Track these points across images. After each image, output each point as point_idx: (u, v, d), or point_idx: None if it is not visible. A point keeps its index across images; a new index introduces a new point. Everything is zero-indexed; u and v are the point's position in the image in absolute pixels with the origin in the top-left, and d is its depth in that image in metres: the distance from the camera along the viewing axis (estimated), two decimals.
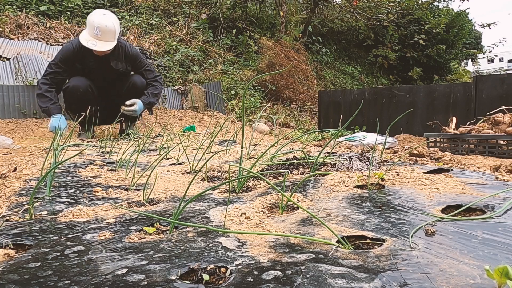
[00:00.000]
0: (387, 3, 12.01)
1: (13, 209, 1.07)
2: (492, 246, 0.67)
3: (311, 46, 11.25)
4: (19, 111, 4.57)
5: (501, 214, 0.86)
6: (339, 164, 1.62)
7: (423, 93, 6.34)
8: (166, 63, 7.30)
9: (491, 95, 5.54)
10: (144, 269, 0.61)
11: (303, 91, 9.03)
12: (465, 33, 13.95)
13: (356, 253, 0.65)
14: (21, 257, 0.69)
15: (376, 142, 1.70)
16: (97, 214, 1.02)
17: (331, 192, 1.16)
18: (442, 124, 3.78)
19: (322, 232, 0.77)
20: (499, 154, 2.88)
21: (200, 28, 8.95)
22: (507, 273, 0.45)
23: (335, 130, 2.28)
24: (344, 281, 0.54)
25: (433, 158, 2.05)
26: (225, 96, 7.02)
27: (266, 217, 0.94)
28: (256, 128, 5.13)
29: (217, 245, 0.72)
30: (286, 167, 1.71)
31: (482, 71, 21.42)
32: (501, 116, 3.25)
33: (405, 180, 1.29)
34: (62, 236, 0.81)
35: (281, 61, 8.65)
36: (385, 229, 0.78)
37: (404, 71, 13.52)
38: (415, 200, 1.02)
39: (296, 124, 7.01)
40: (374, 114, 6.52)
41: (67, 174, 1.68)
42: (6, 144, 3.30)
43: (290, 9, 10.34)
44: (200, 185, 1.43)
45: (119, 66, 3.78)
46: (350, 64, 12.88)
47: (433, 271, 0.57)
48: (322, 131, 4.43)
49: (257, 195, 1.17)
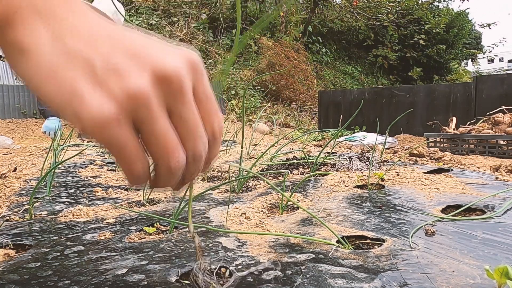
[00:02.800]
0: (387, 3, 12.01)
1: (13, 209, 1.07)
2: (492, 246, 0.67)
3: (311, 46, 11.25)
4: (19, 111, 4.57)
5: (501, 214, 0.86)
6: (339, 164, 1.62)
7: (423, 93, 6.34)
8: None
9: (491, 95, 5.54)
10: (144, 269, 0.61)
11: (303, 91, 9.03)
12: (465, 33, 13.95)
13: (356, 253, 0.65)
14: (21, 257, 0.69)
15: (376, 142, 1.70)
16: (97, 214, 1.02)
17: (331, 192, 1.16)
18: (442, 124, 3.78)
19: (322, 232, 0.77)
20: (499, 154, 2.88)
21: (200, 28, 8.95)
22: (507, 273, 0.45)
23: (335, 130, 2.29)
24: (344, 281, 0.54)
25: (433, 158, 2.05)
26: (225, 96, 7.01)
27: (266, 217, 0.94)
28: (256, 128, 5.13)
29: (217, 245, 0.72)
30: (286, 167, 1.71)
31: (482, 71, 21.43)
32: (501, 116, 3.25)
33: (405, 180, 1.29)
34: (62, 236, 0.82)
35: (281, 61, 8.65)
36: (385, 229, 0.78)
37: (404, 71, 13.52)
38: (415, 200, 1.02)
39: (296, 124, 7.01)
40: (374, 114, 6.52)
41: (67, 174, 1.68)
42: (6, 144, 3.30)
43: (290, 9, 10.34)
44: (200, 185, 1.43)
45: None
46: (350, 64, 12.88)
47: (433, 271, 0.57)
48: (322, 131, 4.44)
49: (257, 195, 1.17)
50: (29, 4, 0.36)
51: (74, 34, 0.36)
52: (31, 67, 0.36)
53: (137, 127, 0.37)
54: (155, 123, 0.37)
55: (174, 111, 0.38)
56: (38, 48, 0.36)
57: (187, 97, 0.39)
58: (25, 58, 0.36)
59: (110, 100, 0.35)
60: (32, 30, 0.36)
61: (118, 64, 0.36)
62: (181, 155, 0.39)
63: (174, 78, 0.37)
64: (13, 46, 0.36)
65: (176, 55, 0.39)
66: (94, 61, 0.36)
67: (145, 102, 0.36)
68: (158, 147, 0.38)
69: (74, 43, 0.36)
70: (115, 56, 0.36)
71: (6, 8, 0.35)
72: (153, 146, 0.38)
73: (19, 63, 0.36)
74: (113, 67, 0.36)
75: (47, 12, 0.37)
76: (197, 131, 0.40)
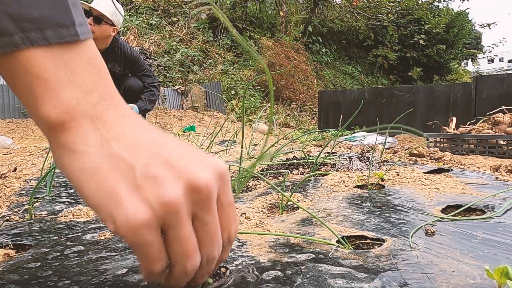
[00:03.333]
0: (387, 3, 12.01)
1: (13, 209, 1.07)
2: (492, 246, 0.67)
3: (311, 46, 11.25)
4: (19, 111, 4.57)
5: (501, 214, 0.86)
6: (339, 164, 1.62)
7: (423, 93, 6.34)
8: (166, 63, 7.30)
9: (491, 95, 5.54)
10: None
11: (303, 91, 9.03)
12: (465, 33, 13.95)
13: (356, 253, 0.65)
14: (21, 257, 0.69)
15: (376, 142, 1.70)
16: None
17: (331, 192, 1.16)
18: (442, 124, 3.78)
19: (322, 232, 0.77)
20: (499, 154, 2.88)
21: (200, 28, 8.95)
22: (507, 273, 0.45)
23: (335, 130, 2.29)
24: (344, 281, 0.54)
25: (433, 158, 2.05)
26: (225, 96, 7.01)
27: (266, 217, 0.94)
28: (256, 128, 5.12)
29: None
30: (286, 167, 1.71)
31: (482, 71, 21.43)
32: (501, 116, 3.25)
33: (405, 180, 1.29)
34: (62, 236, 0.82)
35: (281, 61, 8.65)
36: (385, 229, 0.78)
37: (404, 71, 13.51)
38: (415, 200, 1.02)
39: (296, 124, 7.01)
40: (374, 114, 6.52)
41: None
42: (6, 144, 3.30)
43: (290, 9, 10.34)
44: None
45: (116, 68, 3.63)
46: (350, 64, 12.88)
47: (433, 271, 0.57)
48: (322, 131, 4.44)
49: (257, 195, 1.17)
50: (83, 110, 0.39)
51: (120, 139, 0.39)
52: (77, 166, 0.38)
53: (164, 229, 0.39)
54: (181, 230, 0.39)
55: (198, 216, 0.41)
56: (86, 149, 0.38)
57: (212, 205, 0.41)
58: (72, 157, 0.38)
59: (145, 205, 0.37)
60: (83, 133, 0.39)
61: (157, 173, 0.38)
62: (198, 259, 0.42)
63: (205, 189, 0.40)
64: (65, 147, 0.39)
65: (208, 167, 0.41)
66: (135, 167, 0.38)
67: (176, 209, 0.38)
68: (178, 250, 0.40)
69: (119, 148, 0.39)
70: (154, 164, 0.39)
71: (65, 116, 0.38)
72: (174, 249, 0.40)
73: (66, 161, 0.39)
74: (152, 175, 0.38)
75: (98, 116, 0.40)
76: (215, 237, 0.43)
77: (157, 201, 0.37)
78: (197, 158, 0.42)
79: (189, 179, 0.39)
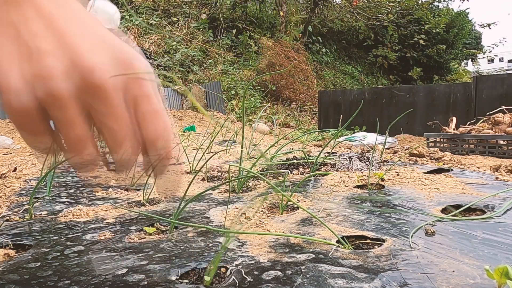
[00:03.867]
0: (387, 3, 12.01)
1: (13, 209, 1.07)
2: (492, 246, 0.67)
3: (311, 46, 11.25)
4: None
5: (501, 214, 0.86)
6: (339, 164, 1.62)
7: (423, 93, 6.34)
8: (166, 63, 7.30)
9: (491, 95, 5.54)
10: (144, 269, 0.61)
11: (303, 91, 9.03)
12: (465, 33, 13.94)
13: (356, 253, 0.65)
14: (21, 257, 0.69)
15: (376, 142, 1.70)
16: (97, 214, 1.02)
17: (331, 192, 1.16)
18: (442, 124, 3.78)
19: (322, 232, 0.77)
20: (499, 154, 2.88)
21: (200, 28, 8.95)
22: (507, 273, 0.45)
23: (335, 130, 2.29)
24: (344, 281, 0.54)
25: (433, 158, 2.05)
26: (225, 96, 7.02)
27: (266, 217, 0.94)
28: (256, 128, 5.13)
29: (217, 245, 0.72)
30: (286, 167, 1.71)
31: (482, 71, 21.42)
32: (501, 116, 3.25)
33: (405, 180, 1.29)
34: (62, 236, 0.82)
35: (281, 61, 8.65)
36: (385, 229, 0.78)
37: (404, 71, 13.51)
38: (415, 200, 1.02)
39: (296, 124, 7.01)
40: (374, 114, 6.52)
41: (67, 174, 1.68)
42: (6, 144, 3.30)
43: (290, 9, 10.34)
44: (200, 185, 1.43)
45: None
46: (350, 64, 12.88)
47: (433, 271, 0.57)
48: (322, 131, 4.44)
49: (257, 195, 1.17)
50: None
51: (23, 7, 0.37)
52: None
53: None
54: (64, 113, 0.38)
55: (92, 105, 0.39)
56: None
57: (109, 96, 0.39)
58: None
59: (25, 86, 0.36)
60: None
61: (40, 47, 0.36)
62: (89, 150, 0.42)
63: (91, 77, 0.37)
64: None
65: (115, 57, 0.39)
66: (22, 35, 0.36)
67: (58, 94, 0.37)
68: (63, 133, 0.40)
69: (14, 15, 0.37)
70: (43, 36, 0.37)
71: None
72: (62, 133, 0.40)
73: None
74: (36, 48, 0.36)
75: None
76: (119, 132, 0.41)
77: (36, 81, 0.35)
78: (102, 42, 0.39)
79: (77, 62, 0.36)
